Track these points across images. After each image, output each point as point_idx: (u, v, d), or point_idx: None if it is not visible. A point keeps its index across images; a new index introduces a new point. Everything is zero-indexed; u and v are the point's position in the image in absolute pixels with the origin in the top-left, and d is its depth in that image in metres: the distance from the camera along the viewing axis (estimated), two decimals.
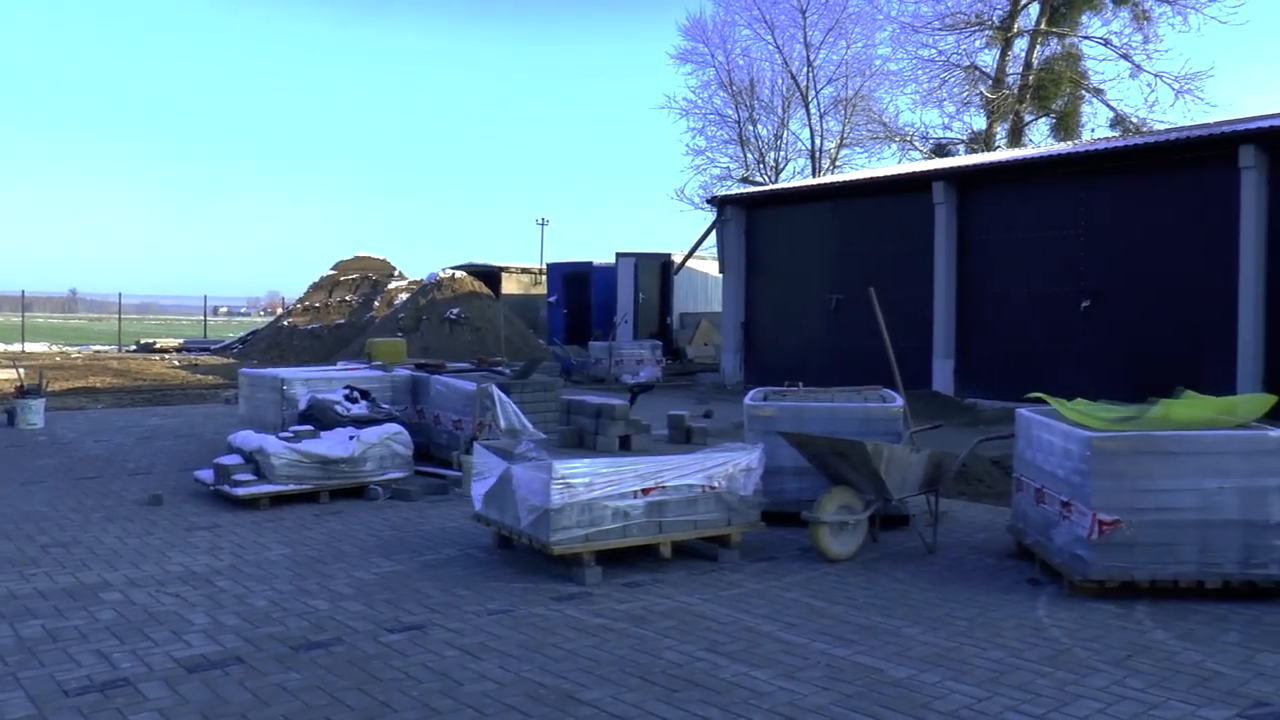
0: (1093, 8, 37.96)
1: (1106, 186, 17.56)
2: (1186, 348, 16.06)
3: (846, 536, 7.58)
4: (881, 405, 8.80)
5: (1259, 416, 6.85)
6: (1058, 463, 6.92)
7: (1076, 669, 5.27)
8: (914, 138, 40.84)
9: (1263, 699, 4.88)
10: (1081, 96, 38.30)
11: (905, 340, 18.71)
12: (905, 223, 20.32)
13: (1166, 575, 6.39)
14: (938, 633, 5.87)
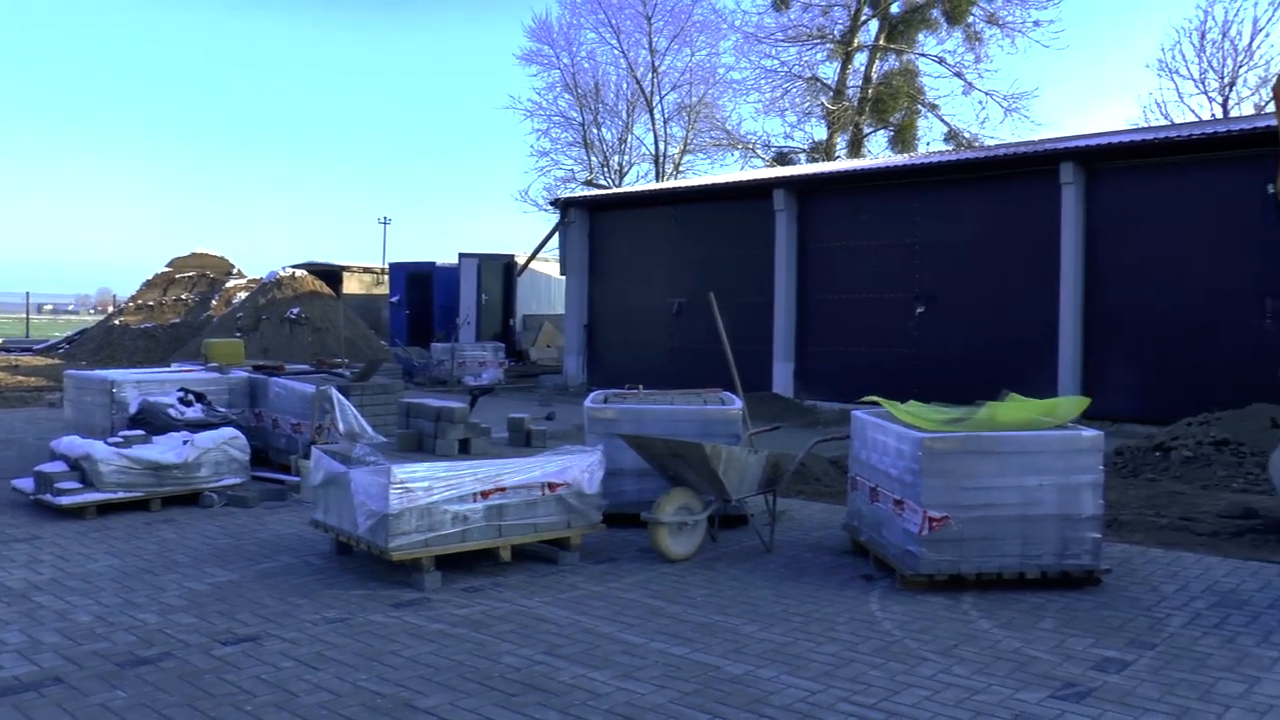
0: (929, 27, 39.50)
1: (940, 197, 18.28)
2: (1013, 352, 16.84)
3: (686, 537, 7.67)
4: (720, 408, 8.93)
5: (1075, 417, 7.21)
6: (891, 462, 7.15)
7: (907, 659, 5.45)
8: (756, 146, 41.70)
9: (1072, 680, 5.14)
10: (918, 111, 39.77)
11: (746, 343, 19.09)
12: (747, 229, 20.71)
13: (991, 568, 6.67)
14: (774, 629, 5.98)
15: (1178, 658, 5.49)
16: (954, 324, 17.77)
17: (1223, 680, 5.17)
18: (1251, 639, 5.83)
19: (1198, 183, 15.69)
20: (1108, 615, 6.22)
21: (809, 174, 21.57)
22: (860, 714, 4.72)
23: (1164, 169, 16.18)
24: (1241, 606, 6.45)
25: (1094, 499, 6.69)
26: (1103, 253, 16.40)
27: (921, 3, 39.16)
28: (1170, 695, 4.95)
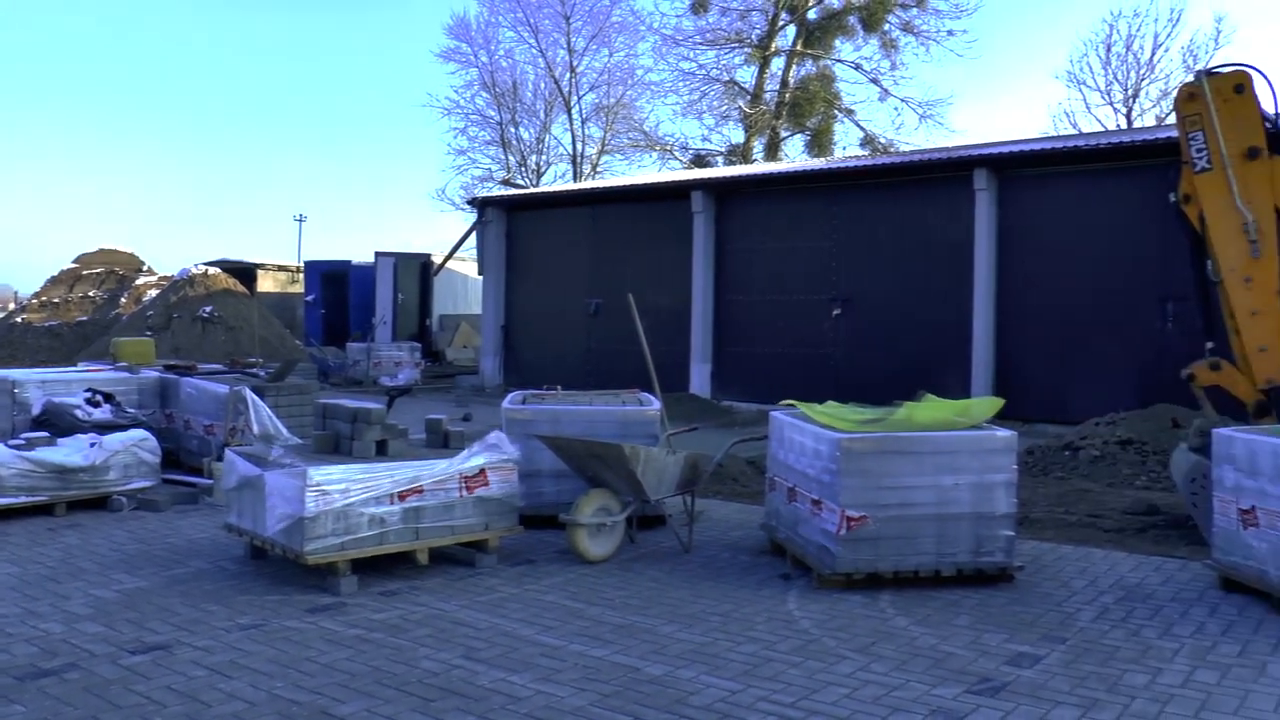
0: (845, 33, 40.01)
1: (857, 201, 18.54)
2: (928, 353, 17.13)
3: (604, 538, 7.66)
4: (639, 408, 8.94)
5: (990, 417, 7.35)
6: (809, 463, 7.21)
7: (825, 658, 5.49)
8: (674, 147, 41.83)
9: (987, 675, 5.24)
10: (834, 116, 40.28)
11: (664, 344, 19.15)
12: (664, 230, 20.77)
13: (908, 566, 6.76)
14: (693, 629, 6.00)
15: (1087, 651, 5.62)
16: (870, 326, 18.02)
17: (1129, 672, 5.31)
18: (1154, 631, 6.00)
19: (1104, 190, 16.12)
20: (1021, 611, 6.35)
21: (727, 176, 21.73)
22: (780, 713, 4.75)
23: (1073, 176, 16.62)
24: (1146, 600, 6.63)
25: (1008, 498, 6.83)
26: (1014, 257, 16.78)
27: (838, 9, 39.67)
28: (1080, 688, 5.07)
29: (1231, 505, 6.78)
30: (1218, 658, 5.55)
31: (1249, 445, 6.69)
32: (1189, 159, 8.66)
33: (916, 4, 38.33)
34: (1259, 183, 8.45)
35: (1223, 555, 6.87)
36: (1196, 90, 8.66)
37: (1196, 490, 7.96)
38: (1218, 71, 8.76)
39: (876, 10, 37.99)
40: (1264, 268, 8.39)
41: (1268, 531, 6.43)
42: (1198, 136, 8.62)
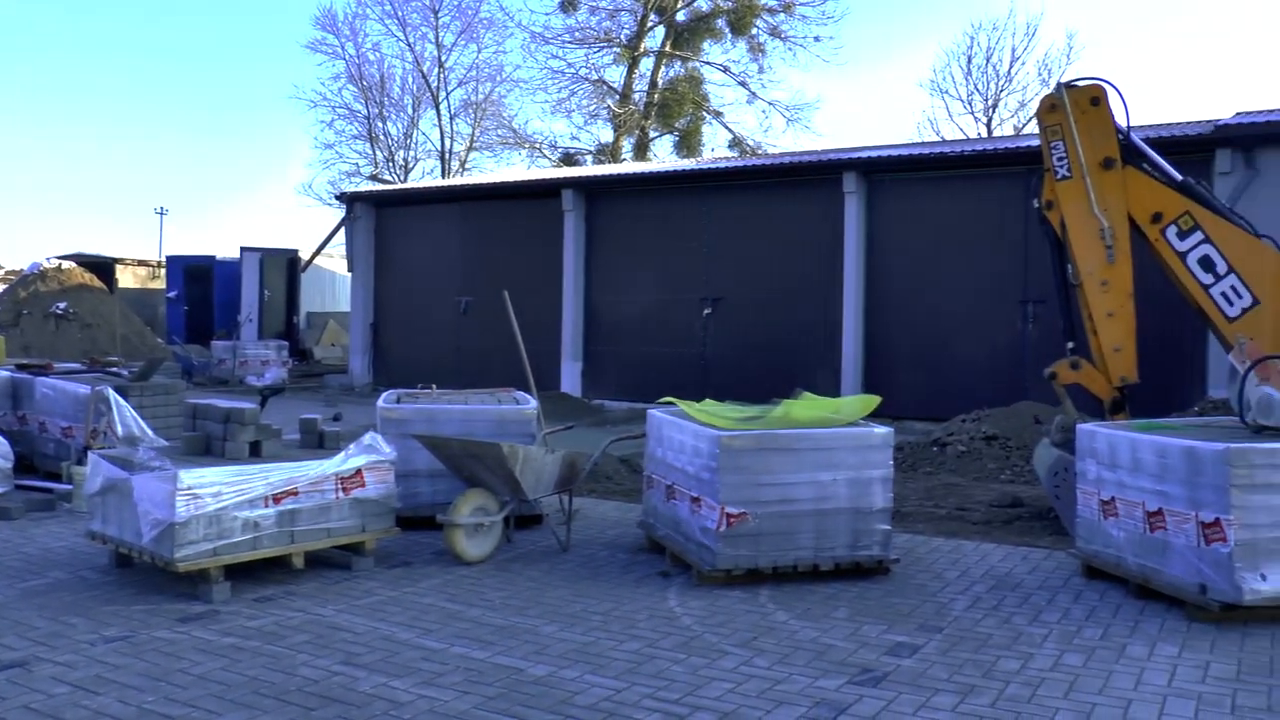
0: (714, 36, 40.38)
1: (728, 202, 18.74)
2: (798, 352, 17.42)
3: (482, 538, 7.58)
4: (515, 407, 8.88)
5: (866, 415, 7.50)
6: (688, 460, 7.25)
7: (708, 654, 5.53)
8: (543, 145, 41.68)
9: (868, 666, 5.35)
10: (703, 117, 40.61)
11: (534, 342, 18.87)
12: (535, 228, 20.69)
13: (787, 561, 6.86)
14: (575, 629, 5.97)
15: (962, 640, 5.78)
16: (740, 325, 18.24)
17: (1002, 658, 5.49)
18: (1024, 618, 6.21)
19: (969, 195, 16.63)
20: (898, 602, 6.50)
21: (598, 175, 21.74)
22: (665, 709, 4.76)
23: (939, 181, 17.11)
24: (1015, 589, 6.86)
25: (884, 493, 6.99)
26: (883, 259, 17.19)
27: (707, 12, 39.99)
28: (958, 675, 5.21)
29: (1093, 497, 7.06)
30: (1083, 641, 5.78)
31: (1110, 440, 6.98)
32: (1051, 167, 8.97)
33: (784, 9, 38.94)
34: (1114, 191, 8.80)
35: (1085, 544, 7.15)
36: (1057, 101, 8.98)
37: (1059, 483, 8.27)
38: (1076, 84, 9.09)
39: (744, 14, 38.44)
40: (1119, 272, 8.74)
41: (1126, 521, 6.72)
42: (1059, 146, 8.94)
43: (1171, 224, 8.80)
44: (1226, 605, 6.03)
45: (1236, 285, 8.73)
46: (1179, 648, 5.69)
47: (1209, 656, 5.55)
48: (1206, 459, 6.17)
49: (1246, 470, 6.03)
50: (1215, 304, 8.77)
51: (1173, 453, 6.43)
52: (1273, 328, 8.65)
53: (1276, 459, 6.12)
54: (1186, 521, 6.26)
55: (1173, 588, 6.35)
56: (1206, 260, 8.78)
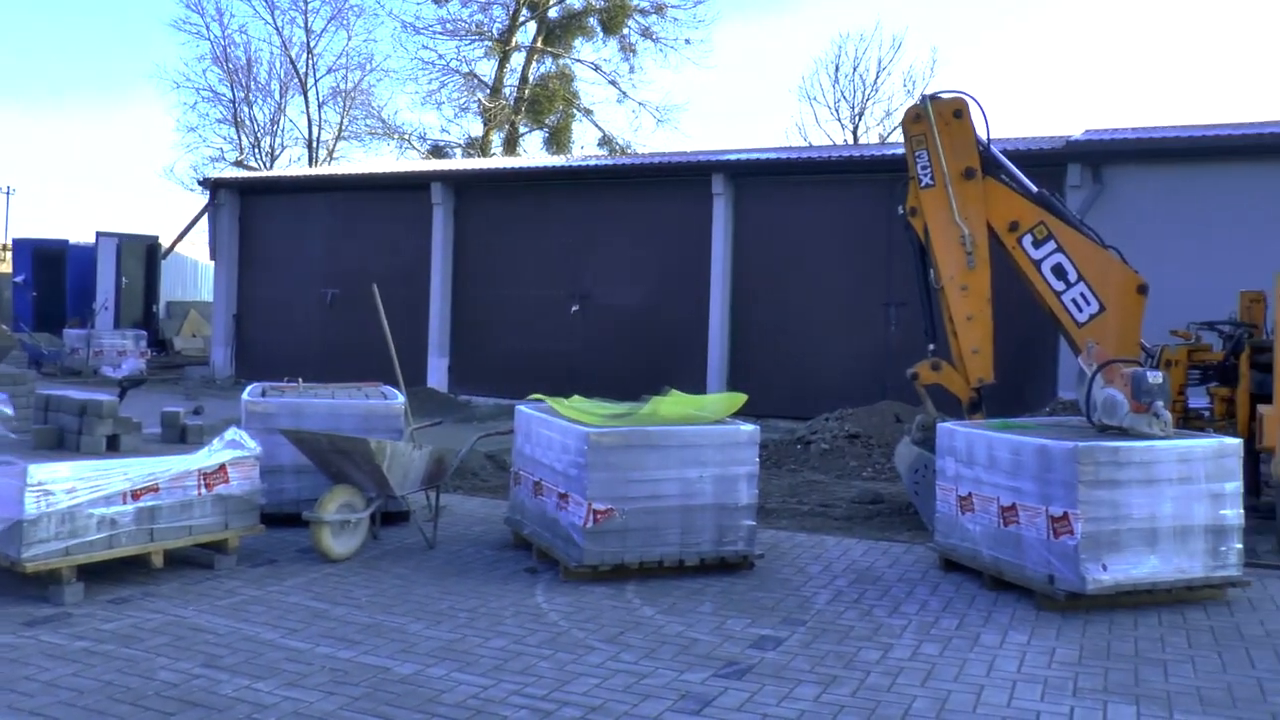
0: (585, 34, 40.37)
1: (598, 200, 18.80)
2: (665, 351, 17.57)
3: (348, 536, 7.47)
4: (383, 402, 8.78)
5: (733, 413, 7.62)
6: (556, 457, 7.26)
7: (574, 649, 5.55)
8: (412, 137, 41.12)
9: (732, 659, 5.45)
10: (573, 115, 40.56)
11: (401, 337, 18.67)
12: (403, 220, 20.42)
13: (653, 557, 6.92)
14: (441, 626, 5.93)
15: (825, 632, 5.93)
16: (608, 323, 18.32)
17: (863, 649, 5.65)
18: (884, 610, 6.40)
19: (834, 199, 16.99)
20: (762, 596, 6.62)
21: (468, 169, 21.55)
22: (533, 705, 4.77)
23: (806, 185, 17.47)
24: (875, 582, 7.06)
25: (749, 489, 7.12)
26: (749, 260, 17.45)
27: (579, 10, 39.98)
28: (820, 666, 5.35)
29: (951, 493, 7.32)
30: (940, 631, 6.00)
31: (968, 438, 7.24)
32: (915, 175, 9.26)
33: (655, 11, 39.18)
34: (974, 200, 9.13)
35: (943, 538, 7.41)
36: (922, 112, 9.26)
37: (919, 480, 8.54)
38: (940, 96, 9.39)
39: (616, 14, 38.55)
40: (978, 277, 9.07)
41: (981, 516, 6.98)
42: (923, 155, 9.22)
43: (1028, 233, 9.17)
44: (1072, 594, 6.32)
45: (1085, 293, 9.15)
46: (1028, 635, 5.95)
47: (1055, 643, 5.82)
48: (1057, 456, 6.46)
49: (1093, 467, 6.34)
50: (1066, 310, 9.17)
51: (1026, 451, 6.71)
52: (1117, 333, 9.09)
53: (1119, 457, 6.44)
54: (1037, 516, 6.53)
55: (1024, 579, 6.63)
56: (1059, 268, 9.18)
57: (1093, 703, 4.96)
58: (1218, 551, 6.63)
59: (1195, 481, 6.63)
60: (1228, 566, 6.67)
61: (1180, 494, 6.57)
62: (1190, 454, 6.67)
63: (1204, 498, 6.63)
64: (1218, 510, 6.65)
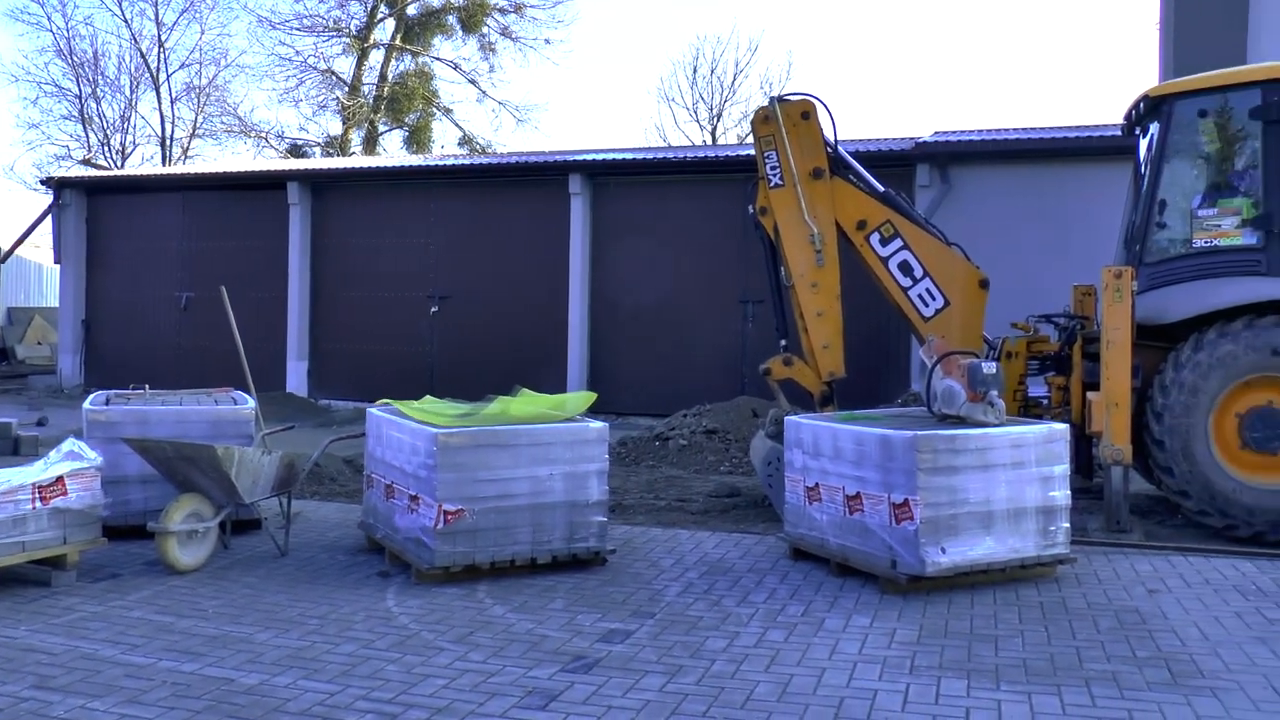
0: (444, 32, 40.03)
1: (457, 200, 18.69)
2: (526, 351, 17.58)
3: (196, 546, 7.29)
4: (232, 407, 8.59)
5: (583, 411, 7.67)
6: (406, 459, 7.22)
7: (423, 651, 5.54)
8: (270, 135, 40.22)
9: (581, 654, 5.51)
10: (433, 114, 40.19)
11: (259, 341, 18.48)
12: (259, 221, 19.97)
13: (505, 556, 6.93)
14: (290, 634, 5.85)
15: (673, 623, 6.03)
16: (468, 324, 18.24)
17: (710, 638, 5.76)
18: (733, 600, 6.53)
19: (691, 199, 17.22)
20: (613, 591, 6.69)
21: (325, 168, 21.16)
22: (378, 709, 4.75)
23: (663, 185, 17.67)
24: (726, 573, 7.19)
25: (599, 486, 7.18)
26: (608, 259, 17.57)
27: (438, 8, 39.62)
28: (667, 657, 5.44)
29: (799, 484, 7.50)
30: (786, 618, 6.15)
31: (814, 430, 7.43)
32: (764, 175, 9.46)
33: (515, 10, 39.09)
34: (822, 200, 9.37)
35: (792, 528, 7.59)
36: (770, 114, 9.47)
37: (772, 472, 8.74)
38: (788, 99, 9.62)
39: (475, 13, 38.34)
40: (828, 275, 9.31)
41: (828, 505, 7.18)
42: (772, 155, 9.43)
43: (875, 231, 9.47)
44: (913, 577, 6.55)
45: (931, 288, 9.48)
46: (871, 618, 6.15)
47: (896, 624, 6.03)
48: (897, 445, 6.68)
49: (931, 454, 6.58)
50: (913, 305, 9.49)
51: (869, 441, 6.92)
52: (961, 326, 9.44)
53: (956, 444, 6.70)
54: (880, 503, 6.75)
55: (868, 564, 6.84)
56: (905, 265, 9.49)
57: (928, 679, 5.16)
58: (1048, 531, 6.94)
59: (1027, 466, 6.93)
60: (1057, 545, 6.99)
61: (1013, 478, 6.86)
62: (1022, 440, 6.98)
63: (1035, 481, 6.93)
64: (1047, 492, 6.96)
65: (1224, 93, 9.07)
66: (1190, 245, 9.04)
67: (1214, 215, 9.00)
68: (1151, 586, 6.87)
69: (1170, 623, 6.11)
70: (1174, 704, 4.88)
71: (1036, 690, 5.03)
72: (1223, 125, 9.21)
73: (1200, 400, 8.32)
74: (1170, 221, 9.30)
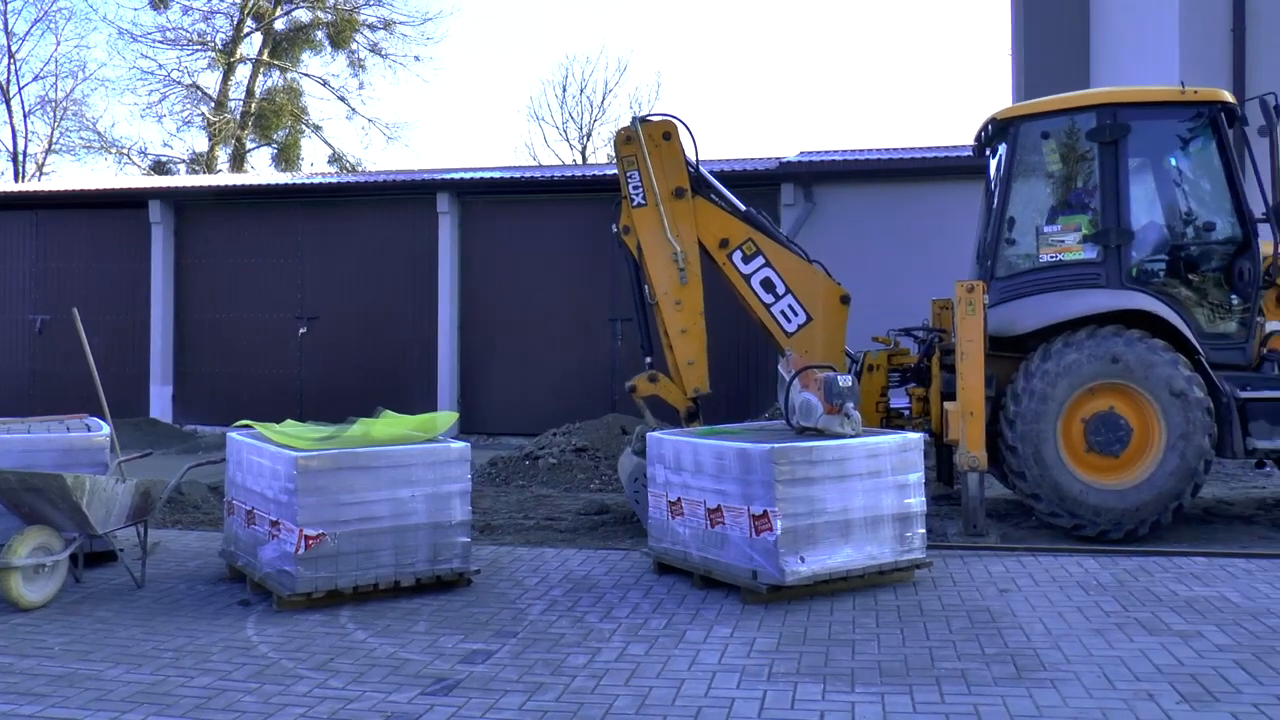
0: (313, 47, 39.40)
1: (325, 219, 18.44)
2: (396, 371, 17.43)
3: (44, 581, 7.02)
4: (85, 435, 8.31)
5: (446, 431, 7.64)
6: (267, 484, 7.09)
7: (282, 680, 5.44)
8: (132, 151, 39.04)
9: (442, 676, 5.47)
10: (302, 130, 39.49)
11: (121, 365, 18.04)
12: (121, 241, 19.40)
13: (368, 580, 6.85)
14: (142, 669, 5.67)
15: (536, 641, 6.03)
16: (338, 344, 17.99)
17: (572, 655, 5.79)
18: (596, 616, 6.57)
19: (560, 218, 17.29)
20: (477, 612, 6.66)
21: (189, 186, 20.64)
22: None
23: (532, 204, 17.70)
24: (591, 589, 7.22)
25: (463, 506, 7.15)
26: (477, 278, 17.53)
27: (306, 23, 39.02)
28: (528, 675, 5.45)
29: (662, 498, 7.58)
30: (648, 632, 6.20)
31: (675, 446, 7.52)
32: (628, 194, 9.57)
33: (384, 27, 38.71)
34: (685, 219, 9.52)
35: (656, 543, 7.66)
36: (632, 134, 9.60)
37: (639, 489, 8.80)
38: (650, 119, 9.76)
39: (344, 29, 37.84)
40: (691, 292, 9.46)
41: (689, 519, 7.28)
42: (634, 175, 9.55)
43: (737, 249, 9.66)
44: (773, 587, 6.68)
45: (793, 304, 9.70)
46: (732, 629, 6.25)
47: (756, 634, 6.14)
48: (756, 458, 6.81)
49: (789, 466, 6.72)
50: (776, 321, 9.70)
51: (728, 454, 7.04)
52: (824, 341, 9.68)
53: (813, 456, 6.86)
54: (741, 515, 6.86)
55: (730, 576, 6.95)
56: (768, 282, 9.70)
57: (785, 685, 5.27)
58: (904, 537, 7.15)
59: (883, 475, 7.14)
60: (913, 550, 7.21)
61: (870, 487, 7.05)
62: (878, 449, 7.18)
63: (891, 489, 7.14)
64: (903, 499, 7.18)
65: (1064, 116, 9.49)
66: (1037, 260, 9.39)
67: (1058, 232, 9.38)
68: (1003, 586, 7.13)
69: (1018, 620, 6.36)
70: (1017, 697, 5.09)
71: (890, 691, 5.18)
72: (1063, 146, 9.63)
73: (1049, 407, 8.66)
74: (1019, 238, 9.67)
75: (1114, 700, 5.02)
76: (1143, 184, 9.58)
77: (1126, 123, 9.09)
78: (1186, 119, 9.31)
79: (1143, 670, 5.44)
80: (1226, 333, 9.13)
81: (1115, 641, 5.91)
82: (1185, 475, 8.54)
